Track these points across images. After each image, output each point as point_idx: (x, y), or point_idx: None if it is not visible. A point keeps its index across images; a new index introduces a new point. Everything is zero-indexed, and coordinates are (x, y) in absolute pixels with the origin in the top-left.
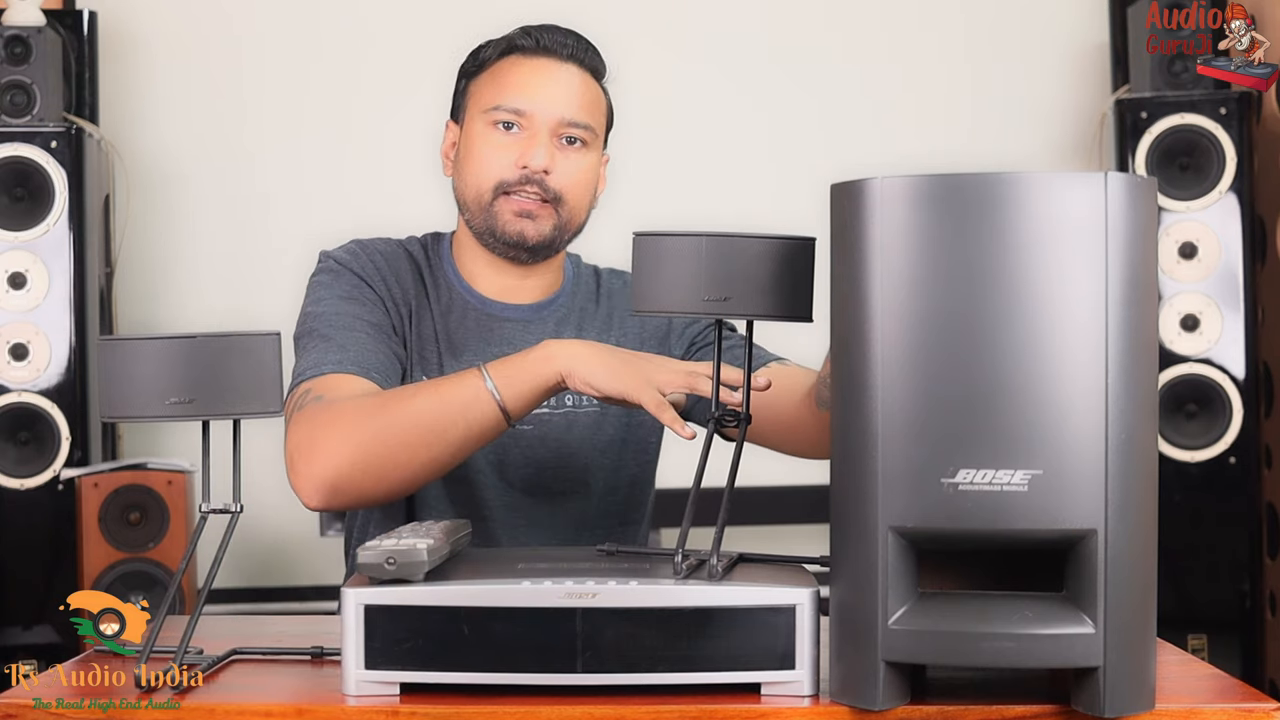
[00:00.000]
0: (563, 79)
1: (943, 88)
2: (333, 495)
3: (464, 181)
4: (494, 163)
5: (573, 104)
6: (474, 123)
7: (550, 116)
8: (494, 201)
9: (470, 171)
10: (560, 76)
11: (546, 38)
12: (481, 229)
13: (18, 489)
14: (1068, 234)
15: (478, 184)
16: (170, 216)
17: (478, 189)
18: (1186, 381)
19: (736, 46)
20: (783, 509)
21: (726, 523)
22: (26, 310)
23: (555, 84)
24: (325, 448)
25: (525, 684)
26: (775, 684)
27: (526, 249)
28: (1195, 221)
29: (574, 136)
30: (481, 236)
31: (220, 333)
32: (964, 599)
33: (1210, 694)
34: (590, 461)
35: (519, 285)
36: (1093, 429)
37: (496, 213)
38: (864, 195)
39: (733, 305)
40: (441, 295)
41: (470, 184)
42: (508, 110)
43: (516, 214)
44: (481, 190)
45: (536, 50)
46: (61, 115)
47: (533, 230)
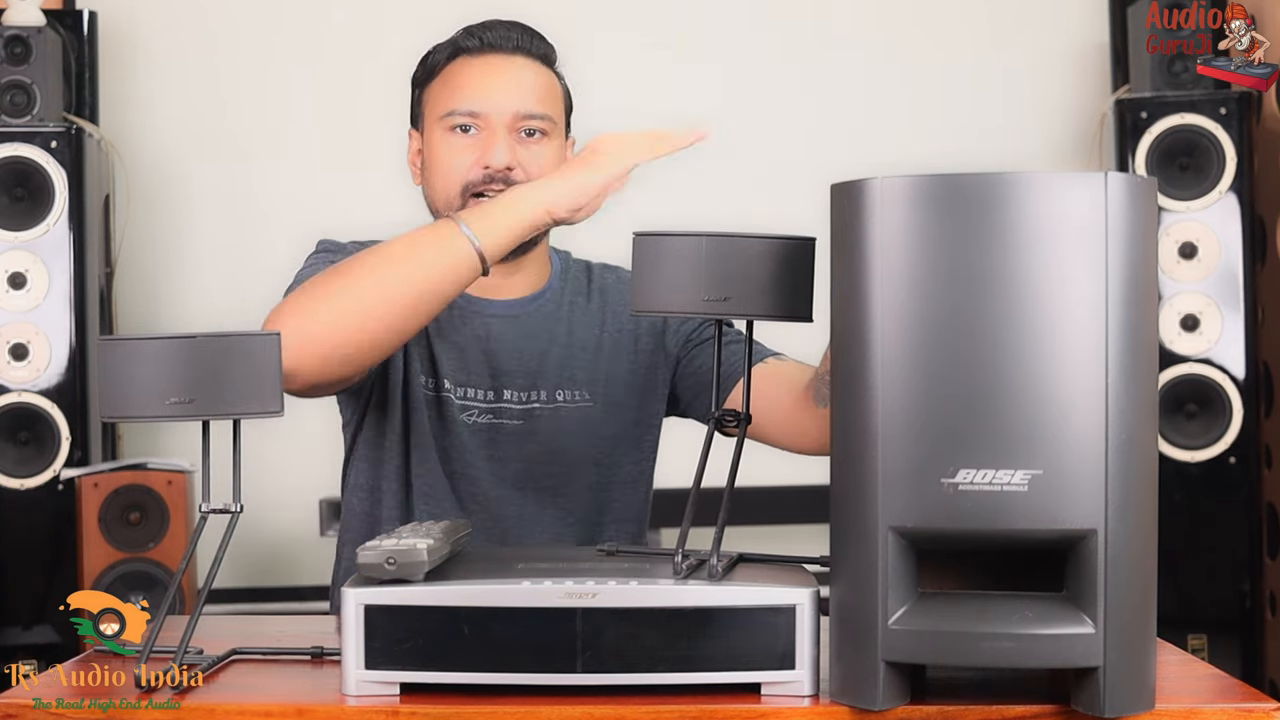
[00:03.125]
0: (512, 73)
1: (943, 88)
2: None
3: (433, 190)
4: (456, 167)
5: (526, 96)
6: (432, 130)
7: (505, 113)
8: (465, 205)
9: (437, 179)
10: (509, 71)
11: (490, 34)
12: None
13: (18, 489)
14: (1068, 234)
15: (445, 190)
16: (170, 216)
17: (446, 195)
18: (1186, 381)
19: (737, 46)
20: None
21: (726, 523)
22: (26, 310)
23: (505, 80)
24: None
25: (525, 684)
26: (775, 684)
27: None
28: (1195, 221)
29: (532, 129)
30: None
31: (220, 333)
32: (964, 599)
33: (1210, 694)
34: (581, 457)
35: (505, 281)
36: (1093, 429)
37: None
38: (864, 195)
39: (733, 305)
40: None
41: (439, 191)
42: (462, 114)
43: None
44: (450, 196)
45: (482, 49)
46: (61, 115)
47: None
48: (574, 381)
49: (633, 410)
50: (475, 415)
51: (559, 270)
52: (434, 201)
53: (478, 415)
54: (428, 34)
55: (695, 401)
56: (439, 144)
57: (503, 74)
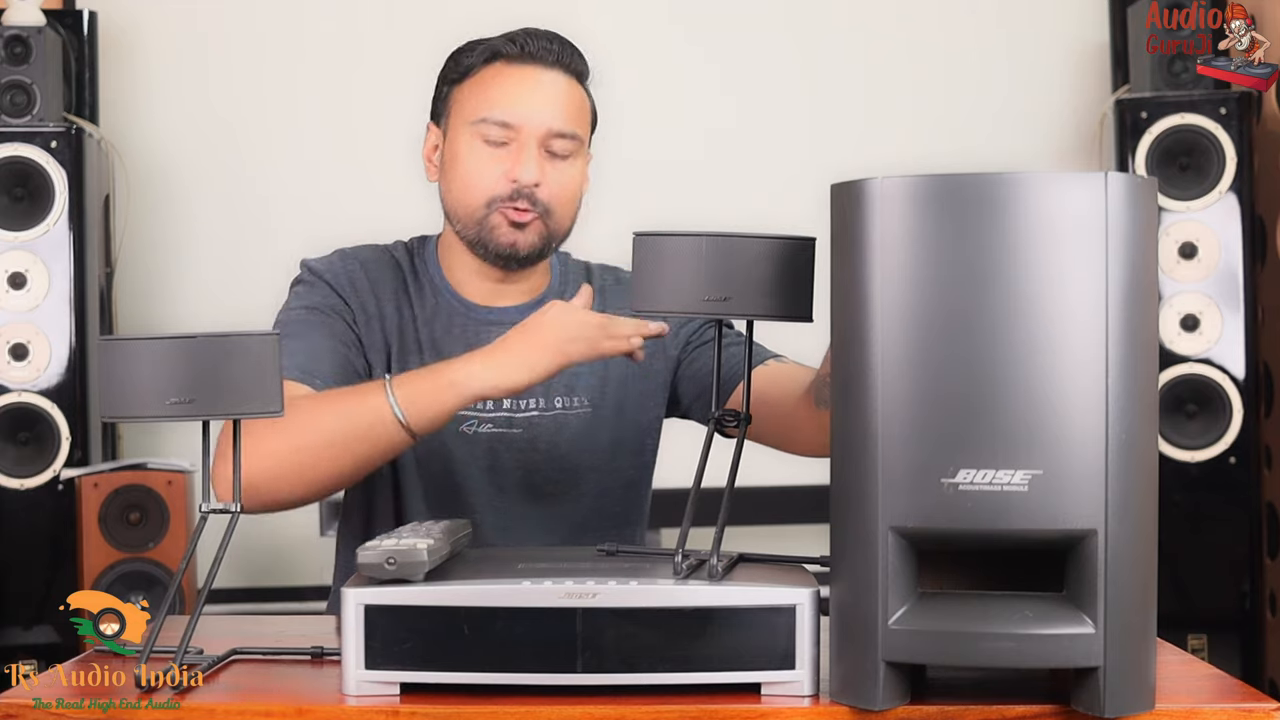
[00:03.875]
0: (548, 87)
1: (943, 88)
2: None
3: (453, 194)
4: (484, 177)
5: (559, 114)
6: (460, 133)
7: (538, 128)
8: (487, 216)
9: (459, 185)
10: (546, 85)
11: (532, 44)
12: (473, 240)
13: (18, 489)
14: (1068, 234)
15: (468, 199)
16: (170, 216)
17: (468, 204)
18: (1186, 381)
19: (737, 46)
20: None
21: (726, 523)
22: (26, 310)
23: (541, 94)
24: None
25: (525, 684)
26: (775, 684)
27: (517, 259)
28: (1195, 221)
29: (561, 149)
30: (473, 246)
31: (220, 333)
32: (964, 599)
33: (1210, 694)
34: (582, 463)
35: (506, 288)
36: (1093, 429)
37: (491, 226)
38: (864, 195)
39: (733, 305)
40: (426, 300)
41: (460, 198)
42: (494, 123)
43: (510, 225)
44: (472, 205)
45: (521, 57)
46: (61, 115)
47: (524, 241)
48: (574, 388)
49: (633, 415)
50: (475, 425)
51: (558, 274)
52: (453, 206)
53: (478, 425)
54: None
55: (696, 403)
56: (465, 150)
57: (540, 87)
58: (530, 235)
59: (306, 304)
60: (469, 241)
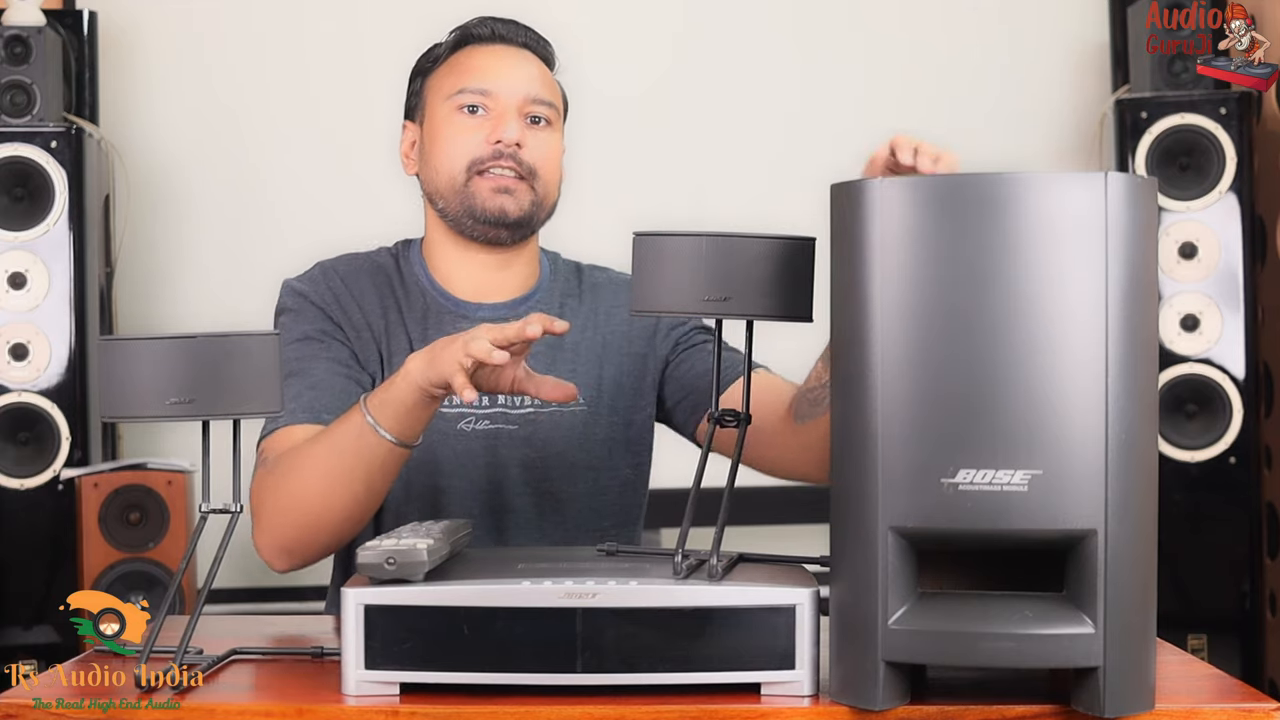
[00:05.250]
0: (521, 63)
1: (942, 88)
2: (290, 559)
3: (433, 169)
4: (464, 143)
5: (535, 83)
6: (437, 111)
7: (516, 94)
8: (469, 182)
9: (440, 158)
10: (519, 61)
11: (501, 27)
12: (459, 212)
13: (18, 489)
14: (1068, 234)
15: (449, 167)
16: (170, 216)
17: (450, 172)
18: (1186, 381)
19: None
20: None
21: (726, 523)
22: (26, 310)
23: (516, 66)
24: (262, 522)
25: (525, 684)
26: (775, 684)
27: (506, 225)
28: (1195, 221)
29: (539, 115)
30: (459, 221)
31: (220, 333)
32: (964, 599)
33: (1210, 694)
34: (578, 461)
35: (494, 282)
36: (1093, 429)
37: (474, 192)
38: (864, 195)
39: (733, 305)
40: (415, 303)
41: (441, 170)
42: (473, 91)
43: (495, 190)
44: (454, 173)
45: (492, 38)
46: (61, 115)
47: (513, 205)
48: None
49: (626, 412)
50: (474, 422)
51: (548, 270)
52: (434, 182)
53: (475, 422)
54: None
55: (677, 408)
56: (444, 122)
57: (513, 61)
58: (520, 199)
59: (298, 336)
60: (455, 217)
